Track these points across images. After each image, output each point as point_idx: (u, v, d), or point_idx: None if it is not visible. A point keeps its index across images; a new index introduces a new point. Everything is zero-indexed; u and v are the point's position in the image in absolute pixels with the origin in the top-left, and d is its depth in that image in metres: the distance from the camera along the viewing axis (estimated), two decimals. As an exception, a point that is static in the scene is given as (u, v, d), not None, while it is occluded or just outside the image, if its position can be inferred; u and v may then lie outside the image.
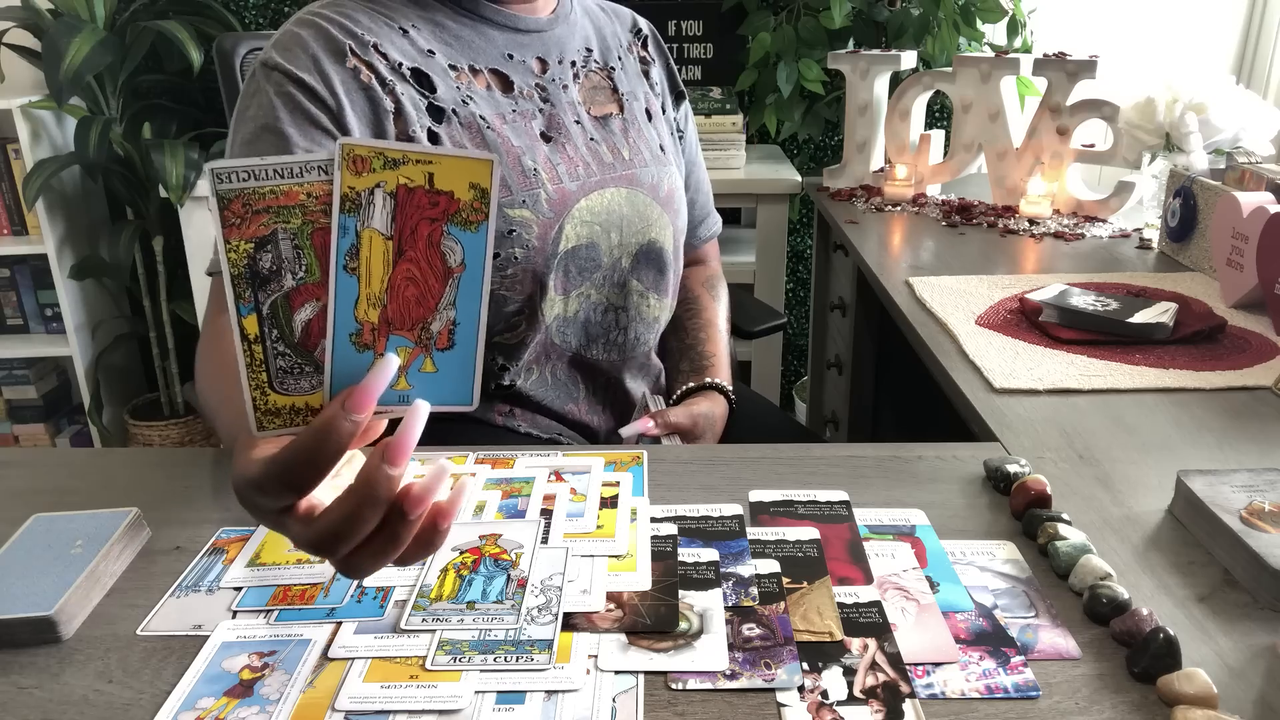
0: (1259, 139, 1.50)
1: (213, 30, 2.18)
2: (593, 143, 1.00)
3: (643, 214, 1.02)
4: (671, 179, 1.07)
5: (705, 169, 1.24)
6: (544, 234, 0.94)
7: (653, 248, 1.04)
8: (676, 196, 1.08)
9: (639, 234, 1.02)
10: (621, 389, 1.07)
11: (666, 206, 1.06)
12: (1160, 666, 0.54)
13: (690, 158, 1.19)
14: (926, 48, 2.11)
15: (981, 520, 0.72)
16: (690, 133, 1.20)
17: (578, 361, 1.03)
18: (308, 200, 0.46)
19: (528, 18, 0.99)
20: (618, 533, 0.69)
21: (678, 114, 1.16)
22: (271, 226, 0.47)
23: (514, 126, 0.94)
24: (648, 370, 1.11)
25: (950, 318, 1.14)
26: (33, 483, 0.80)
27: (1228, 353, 1.03)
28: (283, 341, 0.48)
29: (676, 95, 1.16)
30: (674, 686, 0.55)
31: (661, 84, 1.14)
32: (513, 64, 0.97)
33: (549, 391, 1.02)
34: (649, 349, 1.09)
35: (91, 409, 2.35)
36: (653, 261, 1.05)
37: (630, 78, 1.08)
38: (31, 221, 2.28)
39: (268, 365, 0.48)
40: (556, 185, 0.95)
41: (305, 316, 0.48)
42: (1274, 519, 0.66)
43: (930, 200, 1.80)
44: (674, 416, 0.99)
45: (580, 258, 0.98)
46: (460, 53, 0.95)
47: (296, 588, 0.64)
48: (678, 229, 1.08)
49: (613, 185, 0.99)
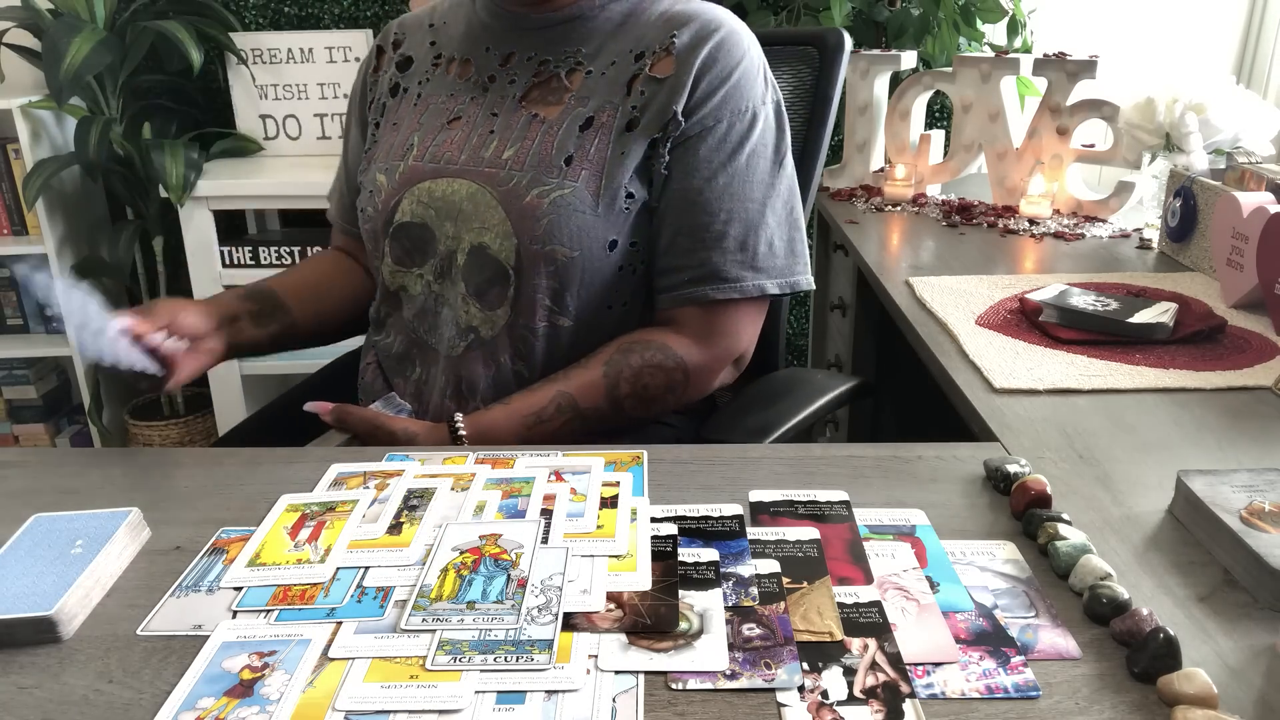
0: (1259, 139, 1.50)
1: (213, 30, 2.18)
2: (489, 135, 1.00)
3: (480, 214, 0.96)
4: (558, 193, 0.94)
5: (731, 215, 0.97)
6: (386, 201, 1.03)
7: (484, 253, 0.97)
8: (546, 212, 0.93)
9: (473, 233, 0.97)
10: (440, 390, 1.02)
11: (519, 217, 0.94)
12: (1160, 666, 0.54)
13: (680, 191, 0.97)
14: (926, 48, 2.11)
15: (981, 520, 0.72)
16: (696, 164, 0.96)
17: (419, 345, 1.05)
18: None
19: (533, 16, 1.02)
20: (618, 533, 0.69)
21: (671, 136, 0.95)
22: None
23: (435, 106, 1.05)
24: (454, 380, 1.01)
25: (950, 318, 1.14)
26: (33, 483, 0.80)
27: (1228, 353, 1.03)
28: None
29: (671, 117, 0.94)
30: (674, 686, 0.55)
31: (652, 99, 0.96)
32: (485, 55, 1.04)
33: (391, 360, 1.08)
34: (459, 356, 1.00)
35: (91, 409, 2.35)
36: (484, 268, 0.97)
37: (602, 83, 0.98)
38: (31, 221, 2.28)
39: None
40: (416, 163, 1.02)
41: None
42: (1274, 519, 0.66)
43: (930, 200, 1.80)
44: (355, 417, 0.94)
45: (412, 235, 1.02)
46: (458, 45, 1.06)
47: (296, 588, 0.64)
48: (534, 246, 0.94)
49: (465, 178, 0.98)
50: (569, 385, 0.96)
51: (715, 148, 0.96)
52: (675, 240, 0.98)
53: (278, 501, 0.75)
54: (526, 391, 0.96)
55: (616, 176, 0.95)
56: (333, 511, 0.73)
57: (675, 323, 1.00)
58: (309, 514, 0.73)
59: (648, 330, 1.00)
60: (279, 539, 0.70)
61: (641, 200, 0.97)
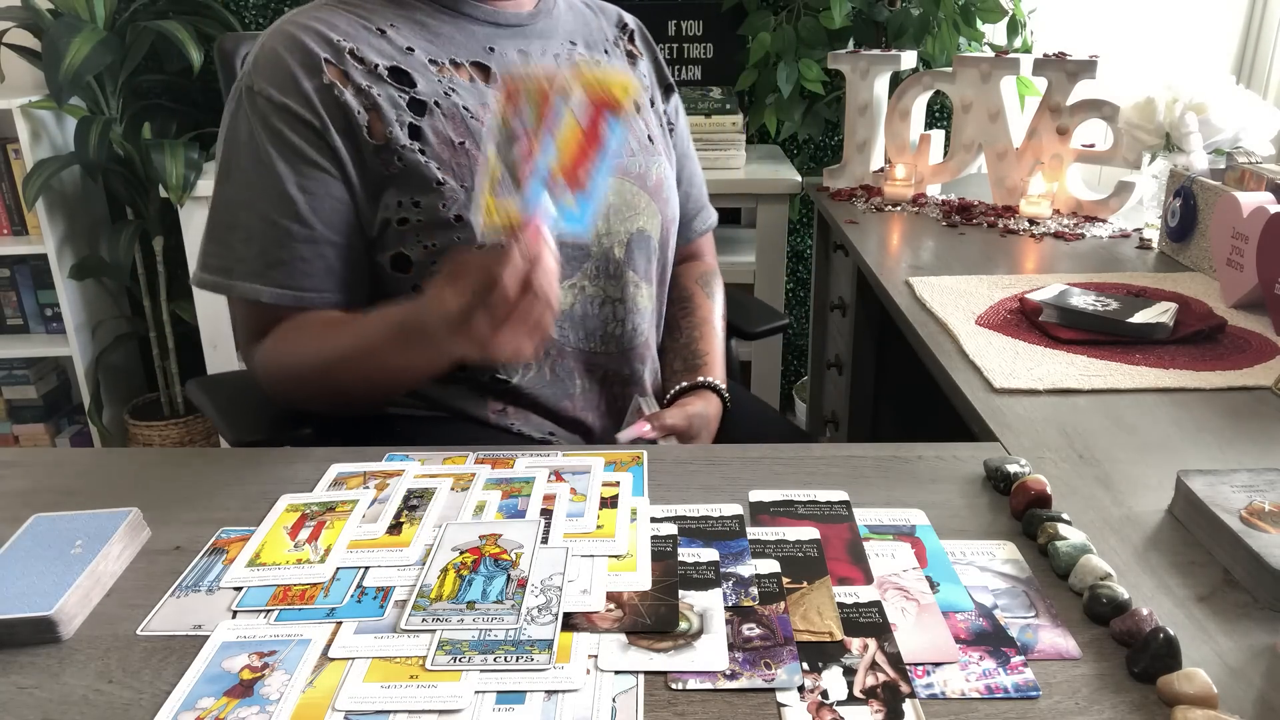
0: (1259, 139, 1.50)
1: (213, 30, 2.18)
2: None
3: (630, 203, 1.03)
4: (660, 169, 1.08)
5: (698, 163, 1.24)
6: None
7: (641, 236, 1.05)
8: (665, 186, 1.08)
9: (627, 223, 1.03)
10: (618, 384, 1.07)
11: (655, 196, 1.06)
12: (1160, 666, 0.54)
13: (682, 151, 1.19)
14: (926, 48, 2.11)
15: (981, 520, 0.72)
16: (682, 126, 1.21)
17: (577, 356, 1.03)
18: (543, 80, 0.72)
19: (507, 12, 1.01)
20: (618, 533, 0.69)
21: (668, 107, 1.17)
22: (521, 98, 0.72)
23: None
24: (644, 363, 1.09)
25: (950, 318, 1.14)
26: (33, 483, 0.80)
27: (1228, 353, 1.03)
28: (506, 167, 0.73)
29: (666, 88, 1.17)
30: (674, 686, 0.55)
31: (650, 77, 1.15)
32: (494, 56, 1.00)
33: (545, 388, 1.02)
34: (646, 339, 1.09)
35: (91, 409, 2.35)
36: (643, 250, 1.06)
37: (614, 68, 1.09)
38: (31, 221, 2.28)
39: (498, 183, 0.73)
40: None
41: (518, 150, 0.73)
42: (1274, 519, 0.66)
43: (930, 200, 1.80)
44: (669, 419, 0.99)
45: (566, 247, 0.98)
46: (440, 48, 0.97)
47: (296, 588, 0.64)
48: (667, 219, 1.09)
49: None
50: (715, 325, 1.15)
51: (677, 109, 1.20)
52: (686, 191, 1.19)
53: (278, 501, 0.75)
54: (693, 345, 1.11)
55: (669, 146, 1.14)
56: (333, 511, 0.73)
57: (698, 253, 1.25)
58: (309, 514, 0.73)
59: (691, 264, 1.22)
60: (279, 539, 0.70)
61: None
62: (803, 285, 2.57)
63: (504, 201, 0.73)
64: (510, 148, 0.73)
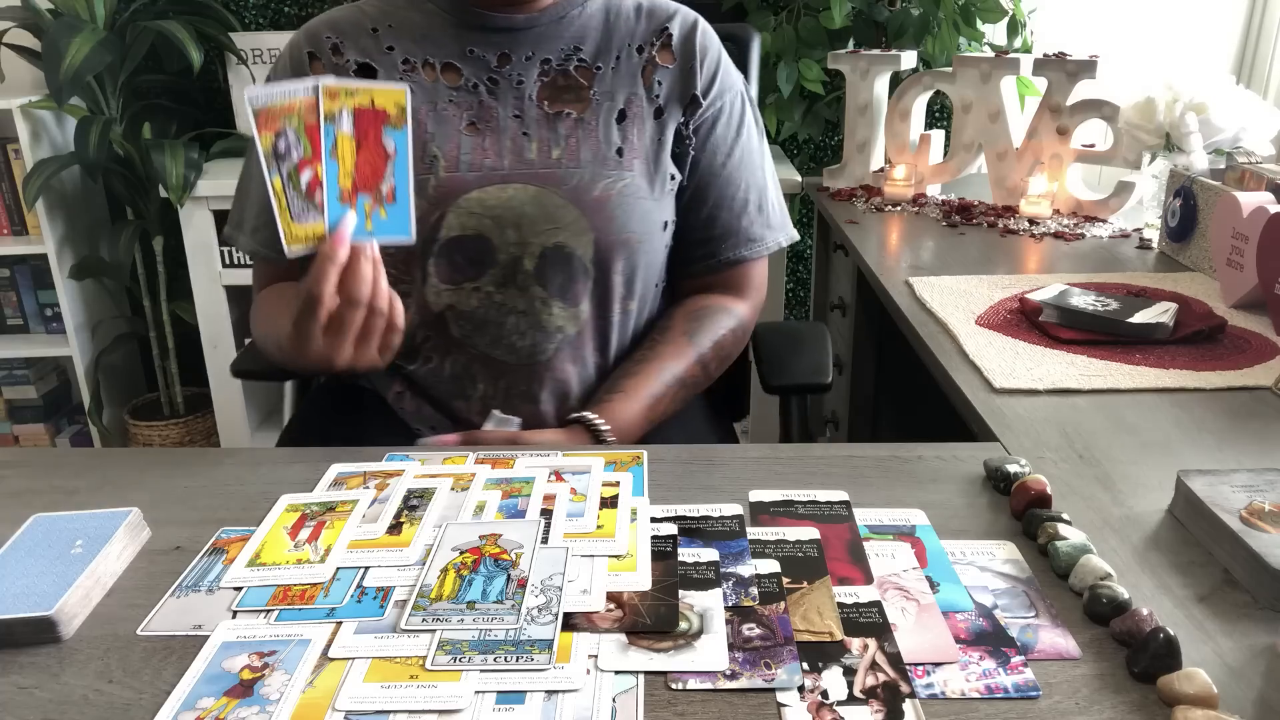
0: (1259, 139, 1.50)
1: (213, 30, 2.18)
2: (524, 137, 0.99)
3: (550, 215, 0.97)
4: (619, 186, 0.99)
5: (751, 188, 1.09)
6: (423, 220, 0.96)
7: (560, 252, 0.98)
8: (615, 204, 0.99)
9: (543, 236, 0.97)
10: (519, 399, 1.02)
11: (593, 212, 0.98)
12: (1160, 666, 0.54)
13: (709, 168, 1.06)
14: (926, 48, 2.11)
15: (981, 520, 0.72)
16: (717, 143, 1.06)
17: (484, 361, 1.01)
18: (302, 108, 0.77)
19: (499, 16, 1.01)
20: (618, 533, 0.69)
21: (694, 120, 1.04)
22: (282, 124, 0.77)
23: (438, 114, 0.99)
24: (543, 385, 1.02)
25: (950, 318, 1.14)
26: (33, 483, 0.80)
27: (1228, 353, 1.03)
28: (296, 193, 0.78)
29: (689, 100, 1.04)
30: (674, 686, 0.55)
31: (669, 87, 1.04)
32: (471, 58, 1.01)
33: (442, 384, 1.02)
34: (549, 361, 1.01)
35: (91, 409, 2.35)
36: (560, 267, 0.99)
37: (619, 77, 1.03)
38: (31, 221, 2.27)
39: (290, 207, 0.78)
40: (451, 174, 0.97)
41: (306, 178, 0.78)
42: (1274, 519, 0.66)
43: (930, 200, 1.80)
44: (486, 441, 0.95)
45: (468, 249, 0.97)
46: (421, 48, 1.00)
47: (296, 588, 0.64)
48: (608, 239, 0.99)
49: (521, 182, 0.97)
50: (669, 362, 1.02)
51: (727, 125, 1.07)
52: (710, 213, 1.08)
53: (278, 501, 0.75)
54: (629, 378, 1.01)
55: (661, 161, 1.03)
56: (333, 511, 0.73)
57: (719, 285, 1.10)
58: (309, 514, 0.73)
59: (698, 297, 1.10)
60: (279, 539, 0.70)
61: (679, 181, 1.05)
62: (803, 285, 2.57)
63: (305, 224, 0.79)
64: (295, 174, 0.78)
